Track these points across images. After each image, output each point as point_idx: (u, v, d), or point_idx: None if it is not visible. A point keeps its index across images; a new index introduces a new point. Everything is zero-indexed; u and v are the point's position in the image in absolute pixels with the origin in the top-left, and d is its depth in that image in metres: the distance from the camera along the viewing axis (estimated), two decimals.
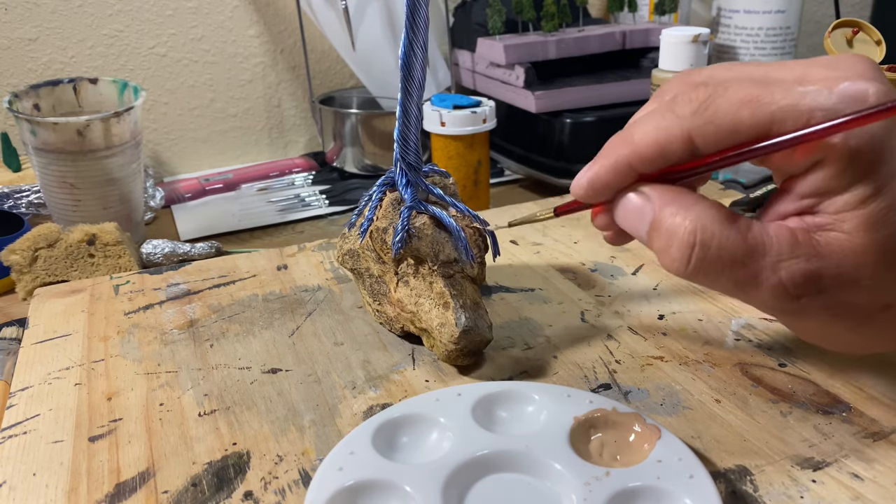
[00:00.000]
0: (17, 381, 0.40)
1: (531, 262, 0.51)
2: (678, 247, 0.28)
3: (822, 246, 0.27)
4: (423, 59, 0.38)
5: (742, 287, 0.28)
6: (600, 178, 0.30)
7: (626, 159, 0.29)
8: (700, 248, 0.28)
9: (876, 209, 0.26)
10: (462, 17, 0.91)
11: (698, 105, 0.28)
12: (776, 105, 0.26)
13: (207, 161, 0.91)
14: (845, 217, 0.26)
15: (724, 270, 0.28)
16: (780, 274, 0.27)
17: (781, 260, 0.27)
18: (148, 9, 0.83)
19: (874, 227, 0.26)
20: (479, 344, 0.39)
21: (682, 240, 0.28)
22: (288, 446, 0.34)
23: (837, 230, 0.27)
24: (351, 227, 0.44)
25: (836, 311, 0.28)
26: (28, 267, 0.55)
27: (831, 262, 0.27)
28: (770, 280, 0.27)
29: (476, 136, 0.65)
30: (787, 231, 0.27)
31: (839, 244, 0.27)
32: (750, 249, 0.27)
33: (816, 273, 0.27)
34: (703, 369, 0.39)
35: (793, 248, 0.27)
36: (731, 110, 0.27)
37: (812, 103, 0.26)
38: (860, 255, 0.26)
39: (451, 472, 0.30)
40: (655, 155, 0.29)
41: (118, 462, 0.34)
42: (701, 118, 0.27)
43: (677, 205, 0.28)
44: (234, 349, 0.42)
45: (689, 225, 0.28)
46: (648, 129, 0.29)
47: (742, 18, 0.84)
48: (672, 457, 0.30)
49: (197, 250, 0.64)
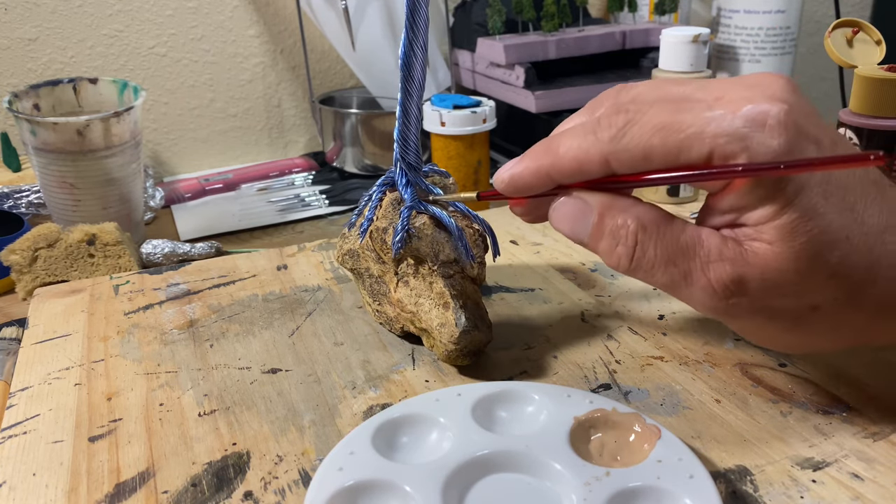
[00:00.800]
0: (17, 381, 0.40)
1: (531, 262, 0.51)
2: (623, 245, 0.30)
3: (749, 254, 0.28)
4: (423, 59, 0.38)
5: (676, 284, 0.30)
6: (523, 178, 0.32)
7: (547, 169, 0.31)
8: (640, 247, 0.30)
9: (789, 220, 0.27)
10: (462, 17, 0.91)
11: (616, 131, 0.29)
12: (683, 133, 0.28)
13: (207, 161, 0.91)
14: (763, 229, 0.28)
15: (660, 268, 0.30)
16: (710, 275, 0.29)
17: (710, 261, 0.29)
18: (148, 9, 0.83)
19: (790, 236, 0.28)
20: (479, 344, 0.39)
21: (626, 239, 0.30)
22: (288, 446, 0.34)
23: (760, 240, 0.28)
24: (351, 227, 0.44)
25: (765, 313, 0.30)
26: (28, 267, 0.55)
27: (756, 268, 0.28)
28: (700, 280, 0.29)
29: (476, 136, 0.65)
30: (717, 236, 0.29)
31: (763, 252, 0.28)
32: (682, 249, 0.29)
33: (742, 277, 0.29)
34: (703, 369, 0.39)
35: (721, 251, 0.29)
36: (643, 138, 0.29)
37: (716, 129, 0.27)
38: (781, 262, 0.28)
39: (451, 472, 0.30)
40: (574, 171, 0.30)
41: (118, 462, 0.34)
42: (617, 144, 0.29)
43: (617, 207, 0.30)
44: (234, 349, 0.42)
45: (632, 226, 0.30)
46: (572, 146, 0.30)
47: (742, 18, 0.84)
48: (672, 457, 0.30)
49: (197, 250, 0.64)
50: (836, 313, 0.29)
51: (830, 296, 0.29)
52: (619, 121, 0.29)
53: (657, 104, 0.29)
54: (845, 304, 0.29)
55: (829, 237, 0.28)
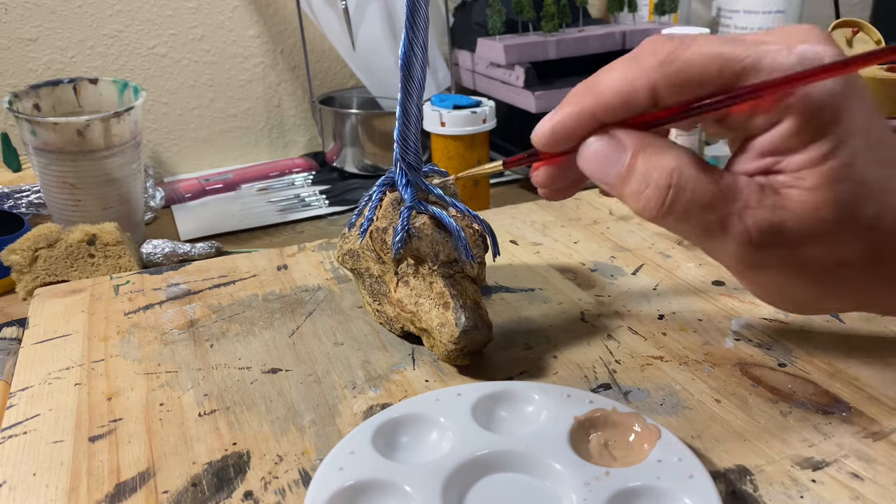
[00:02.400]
0: (17, 381, 0.40)
1: (531, 262, 0.51)
2: (654, 187, 0.28)
3: (788, 201, 0.28)
4: (423, 59, 0.38)
5: (710, 232, 0.29)
6: (564, 125, 0.30)
7: (591, 108, 0.29)
8: (675, 190, 0.28)
9: (834, 166, 0.27)
10: (462, 17, 0.91)
11: (665, 56, 0.28)
12: (740, 64, 0.27)
13: (207, 161, 0.91)
14: (805, 175, 0.27)
15: (696, 213, 0.28)
16: (747, 222, 0.28)
17: (749, 207, 0.28)
18: (148, 9, 0.83)
19: (832, 183, 0.27)
20: (479, 344, 0.39)
21: (658, 181, 0.28)
22: (288, 446, 0.34)
23: (799, 187, 0.27)
24: (351, 227, 0.44)
25: (794, 265, 0.29)
26: (28, 267, 0.55)
27: (794, 214, 0.28)
28: (737, 227, 0.28)
29: (476, 136, 0.65)
30: (755, 183, 0.28)
31: (801, 200, 0.27)
32: (721, 194, 0.28)
33: (780, 224, 0.28)
34: (703, 369, 0.39)
35: (760, 198, 0.28)
36: (696, 63, 0.27)
37: (772, 63, 0.27)
38: (820, 210, 0.27)
39: (451, 472, 0.30)
40: (620, 105, 0.29)
41: (118, 462, 0.34)
42: (667, 69, 0.28)
43: (653, 148, 0.29)
44: (234, 349, 0.42)
45: (666, 166, 0.28)
46: (614, 79, 0.29)
47: (742, 18, 0.84)
48: (672, 457, 0.30)
49: (197, 250, 0.64)
50: (860, 271, 0.29)
51: (859, 251, 0.28)
52: (666, 47, 0.28)
53: (703, 37, 0.28)
54: (871, 261, 0.29)
55: (868, 188, 0.27)
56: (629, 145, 0.29)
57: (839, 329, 0.41)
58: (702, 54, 0.27)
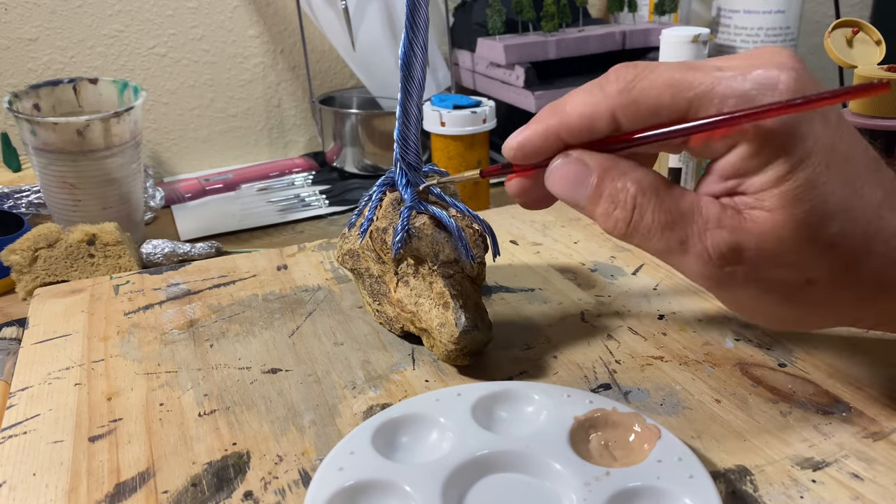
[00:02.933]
0: (17, 381, 0.40)
1: (531, 262, 0.51)
2: (622, 209, 0.30)
3: (747, 222, 0.28)
4: (423, 59, 0.38)
5: (671, 251, 0.30)
6: (531, 141, 0.31)
7: (556, 129, 0.31)
8: (639, 211, 0.29)
9: (792, 187, 0.27)
10: (462, 17, 0.91)
11: (624, 84, 0.29)
12: (693, 91, 0.28)
13: (207, 161, 0.91)
14: (765, 196, 0.28)
15: (657, 233, 0.29)
16: (706, 242, 0.29)
17: (708, 228, 0.29)
18: (148, 9, 0.83)
19: (792, 204, 0.27)
20: (479, 344, 0.39)
21: (625, 203, 0.30)
22: (288, 446, 0.34)
23: (760, 208, 0.28)
24: (351, 227, 0.44)
25: (760, 285, 0.29)
26: (28, 267, 0.55)
27: (753, 236, 0.28)
28: (696, 247, 0.29)
29: (476, 136, 0.65)
30: (716, 204, 0.29)
31: (762, 221, 0.28)
32: (681, 215, 0.29)
33: (739, 245, 0.28)
34: (703, 369, 0.39)
35: (719, 219, 0.28)
36: (653, 92, 0.28)
37: (726, 89, 0.27)
38: (780, 231, 0.28)
39: (451, 472, 0.30)
40: (583, 128, 0.30)
41: (118, 462, 0.34)
42: (625, 98, 0.29)
43: (618, 170, 0.30)
44: (234, 349, 0.42)
45: (631, 189, 0.29)
46: (578, 103, 0.30)
47: (742, 18, 0.84)
48: (672, 457, 0.30)
49: (197, 250, 0.64)
50: (829, 288, 0.29)
51: (826, 269, 0.29)
52: (627, 75, 0.29)
53: (665, 65, 0.29)
54: (839, 278, 0.29)
55: (830, 207, 0.27)
56: (594, 168, 0.30)
57: (839, 329, 0.41)
58: (657, 83, 0.28)
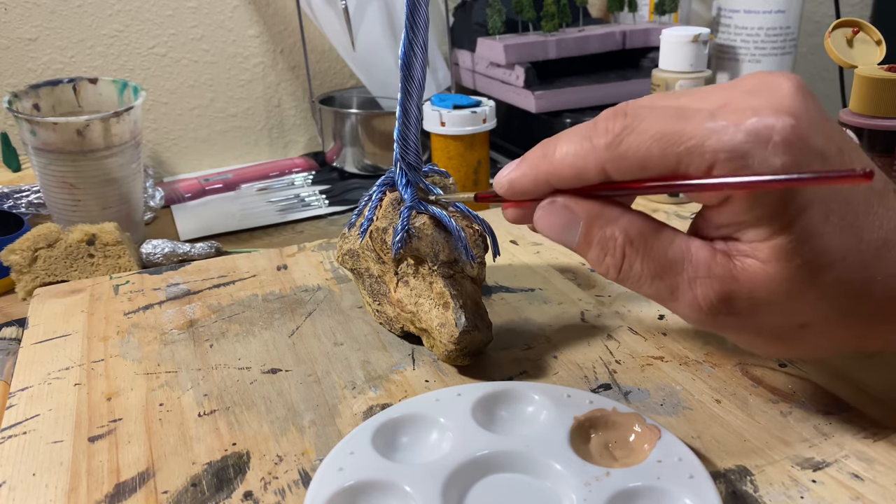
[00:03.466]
0: (17, 381, 0.40)
1: (531, 262, 0.51)
2: (612, 256, 0.30)
3: (739, 271, 0.28)
4: (423, 59, 0.38)
5: (662, 298, 0.30)
6: (521, 183, 0.31)
7: (545, 176, 0.30)
8: (627, 261, 0.29)
9: (785, 241, 0.27)
10: (462, 17, 0.91)
11: (612, 138, 0.28)
12: (683, 146, 0.27)
13: (207, 161, 0.91)
14: (758, 247, 0.27)
15: (647, 281, 0.29)
16: (696, 291, 0.28)
17: (698, 277, 0.28)
18: (148, 9, 0.83)
19: (786, 258, 0.27)
20: (479, 344, 0.39)
21: (614, 251, 0.30)
22: (288, 446, 0.34)
23: (753, 257, 0.27)
24: (351, 227, 0.44)
25: (752, 330, 0.29)
26: (28, 267, 0.55)
27: (745, 286, 0.28)
28: (686, 295, 0.29)
29: (476, 136, 0.65)
30: (706, 250, 0.28)
31: (754, 271, 0.27)
32: (670, 264, 0.29)
33: (729, 295, 0.28)
34: (703, 369, 0.39)
35: (709, 268, 0.28)
36: (641, 147, 0.28)
37: (717, 144, 0.26)
38: (773, 283, 0.27)
39: (451, 472, 0.30)
40: (572, 178, 0.30)
41: (118, 462, 0.34)
42: (614, 152, 0.28)
43: (605, 218, 0.30)
44: (233, 349, 0.42)
45: (619, 238, 0.29)
46: (568, 153, 0.29)
47: (742, 18, 0.84)
48: (672, 457, 0.30)
49: (197, 250, 0.64)
50: (825, 329, 0.29)
51: (821, 314, 0.28)
52: (615, 126, 0.28)
53: (656, 110, 0.28)
54: (835, 322, 0.29)
55: (824, 259, 0.27)
56: (581, 215, 0.30)
57: None
58: (645, 137, 0.28)
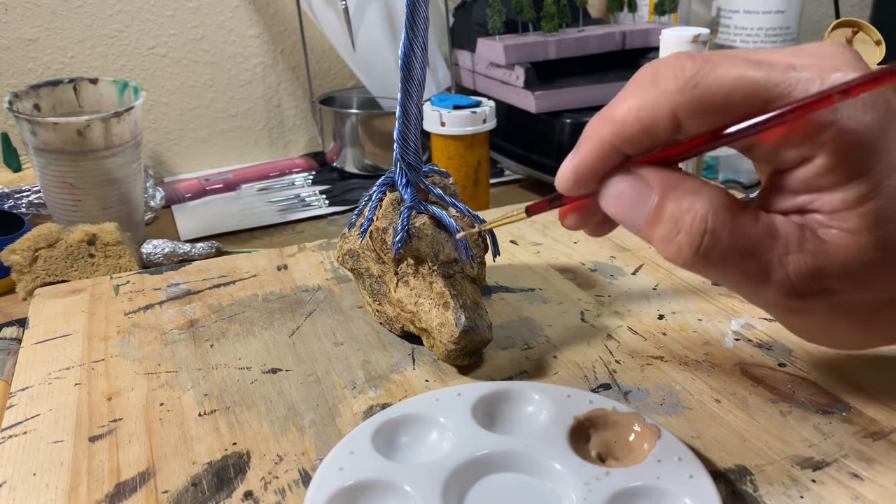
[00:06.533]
0: (17, 381, 0.40)
1: (531, 262, 0.51)
2: (687, 233, 0.26)
3: (828, 244, 0.26)
4: (423, 59, 0.38)
5: (749, 280, 0.26)
6: (585, 164, 0.28)
7: (610, 139, 0.27)
8: (711, 236, 0.26)
9: (875, 207, 0.25)
10: (462, 17, 0.91)
11: (686, 81, 0.25)
12: (769, 93, 0.25)
13: (207, 161, 0.91)
14: (845, 216, 0.25)
15: (734, 261, 0.26)
16: (788, 268, 0.26)
17: (789, 253, 0.26)
18: (148, 9, 0.83)
19: (876, 225, 0.25)
20: (479, 344, 0.39)
21: (691, 227, 0.26)
22: (288, 446, 0.34)
23: (839, 228, 0.25)
24: (351, 227, 0.44)
25: (841, 309, 0.27)
26: (28, 267, 0.55)
27: (836, 259, 0.25)
28: (778, 274, 0.26)
29: (476, 136, 0.65)
30: (793, 225, 0.26)
31: (844, 242, 0.25)
32: (760, 239, 0.26)
33: (822, 270, 0.26)
34: (703, 369, 0.39)
35: (801, 241, 0.26)
36: (721, 90, 0.25)
37: (804, 94, 0.24)
38: (865, 254, 0.25)
39: (451, 472, 0.30)
40: (640, 133, 0.26)
41: (118, 462, 0.34)
42: (689, 94, 0.25)
43: (683, 189, 0.26)
44: (234, 349, 0.42)
45: (700, 210, 0.26)
46: (632, 106, 0.26)
47: (742, 18, 0.84)
48: (672, 457, 0.30)
49: (197, 250, 0.64)
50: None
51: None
52: (687, 70, 0.25)
53: (729, 57, 0.25)
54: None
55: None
56: (655, 186, 0.27)
57: None
58: (727, 79, 0.25)
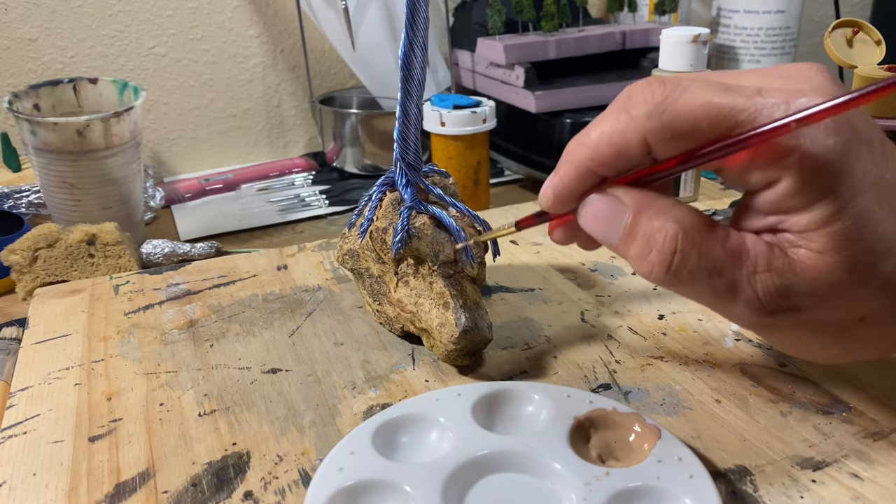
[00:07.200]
0: (17, 381, 0.40)
1: (531, 262, 0.51)
2: (658, 251, 0.27)
3: (797, 263, 0.26)
4: (423, 59, 0.38)
5: (719, 297, 0.27)
6: (563, 184, 0.29)
7: (585, 163, 0.28)
8: (681, 255, 0.27)
9: (842, 227, 0.25)
10: (462, 17, 0.91)
11: (654, 106, 0.26)
12: (735, 119, 0.25)
13: (207, 161, 0.91)
14: (812, 236, 0.26)
15: (702, 279, 0.27)
16: (756, 287, 0.27)
17: (757, 272, 0.26)
18: (148, 9, 0.83)
19: (842, 245, 0.25)
20: (479, 344, 0.39)
21: (662, 245, 0.27)
22: (288, 446, 0.34)
23: (807, 248, 0.26)
24: (351, 227, 0.44)
25: (810, 326, 0.28)
26: (28, 267, 0.55)
27: (804, 278, 0.26)
28: (747, 292, 0.27)
29: (476, 136, 0.65)
30: (763, 244, 0.27)
31: (812, 262, 0.26)
32: (728, 258, 0.27)
33: (790, 288, 0.26)
34: (703, 369, 0.39)
35: (769, 260, 0.26)
36: (689, 115, 0.26)
37: (769, 119, 0.25)
38: (832, 273, 0.26)
39: (451, 472, 0.30)
40: (613, 157, 0.28)
41: (118, 462, 0.34)
42: (657, 121, 0.26)
43: (656, 208, 0.27)
44: (234, 349, 0.42)
45: (670, 230, 0.27)
46: (605, 131, 0.28)
47: (742, 18, 0.84)
48: (672, 457, 0.30)
49: (197, 250, 0.64)
50: (883, 323, 0.28)
51: (879, 305, 0.27)
52: (657, 95, 0.26)
53: (698, 82, 0.26)
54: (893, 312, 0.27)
55: (883, 245, 0.26)
56: (630, 205, 0.28)
57: None
58: (694, 105, 0.26)
